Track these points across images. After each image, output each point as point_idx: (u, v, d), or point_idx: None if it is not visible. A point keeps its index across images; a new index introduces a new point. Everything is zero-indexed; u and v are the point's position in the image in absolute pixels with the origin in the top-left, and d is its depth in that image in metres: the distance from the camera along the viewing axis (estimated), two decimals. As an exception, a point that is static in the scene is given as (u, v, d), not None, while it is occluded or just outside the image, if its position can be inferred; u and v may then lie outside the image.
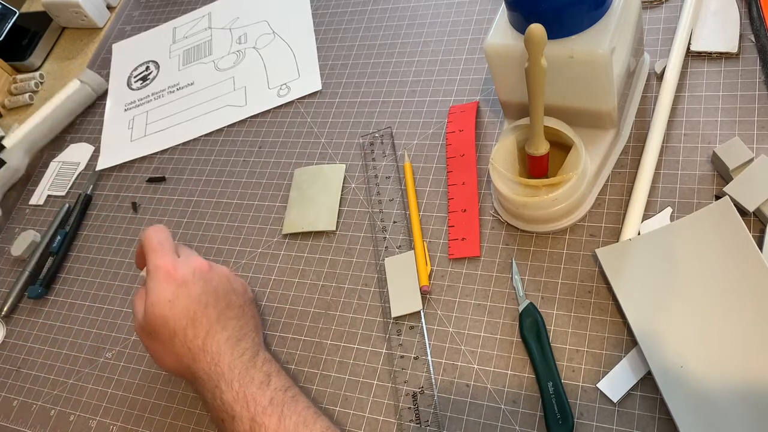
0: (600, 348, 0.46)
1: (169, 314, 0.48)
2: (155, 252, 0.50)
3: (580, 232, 0.51)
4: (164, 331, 0.48)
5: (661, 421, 0.42)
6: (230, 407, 0.44)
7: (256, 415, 0.44)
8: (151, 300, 0.48)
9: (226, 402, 0.45)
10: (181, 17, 0.88)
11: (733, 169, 0.47)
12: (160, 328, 0.48)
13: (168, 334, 0.48)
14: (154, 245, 0.51)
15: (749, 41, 0.54)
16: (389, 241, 0.57)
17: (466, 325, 0.50)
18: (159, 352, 0.50)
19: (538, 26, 0.38)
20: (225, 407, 0.45)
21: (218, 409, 0.45)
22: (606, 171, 0.52)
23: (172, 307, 0.48)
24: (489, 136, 0.59)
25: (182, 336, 0.48)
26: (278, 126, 0.70)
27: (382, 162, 0.62)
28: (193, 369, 0.47)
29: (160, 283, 0.49)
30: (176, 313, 0.48)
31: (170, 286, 0.48)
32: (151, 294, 0.48)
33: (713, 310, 0.43)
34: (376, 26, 0.73)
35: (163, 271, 0.49)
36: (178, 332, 0.48)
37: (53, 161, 0.80)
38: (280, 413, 0.44)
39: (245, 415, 0.44)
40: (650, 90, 0.55)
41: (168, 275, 0.49)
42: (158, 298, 0.48)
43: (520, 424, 0.45)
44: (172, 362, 0.49)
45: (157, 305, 0.48)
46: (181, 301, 0.48)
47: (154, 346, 0.50)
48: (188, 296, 0.48)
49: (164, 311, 0.48)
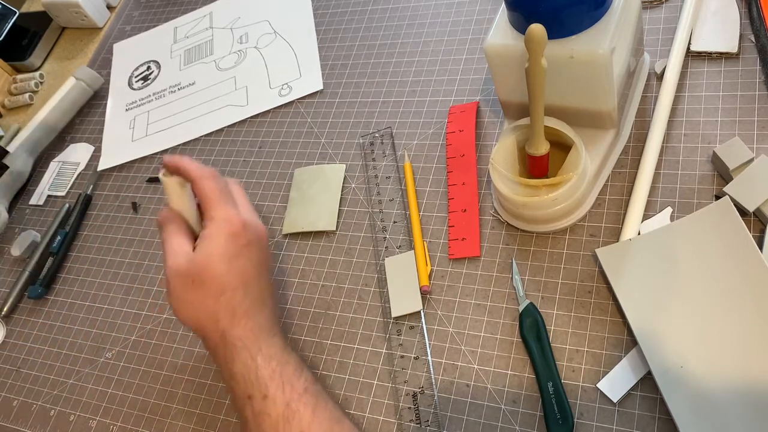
0: (600, 348, 0.46)
1: (225, 270, 0.45)
2: (222, 201, 0.47)
3: (580, 232, 0.51)
4: (213, 285, 0.45)
5: (661, 421, 0.42)
6: (264, 385, 0.42)
7: (291, 400, 0.42)
8: (209, 250, 0.45)
9: (261, 378, 0.43)
10: (182, 17, 0.88)
11: (733, 169, 0.47)
12: (209, 280, 0.45)
13: (217, 289, 0.45)
14: (219, 193, 0.47)
15: (749, 41, 0.54)
16: (389, 241, 0.57)
17: (466, 325, 0.50)
18: (193, 302, 0.46)
19: (538, 26, 0.38)
20: (259, 383, 0.43)
21: (249, 384, 0.43)
22: (606, 171, 0.52)
23: (231, 264, 0.45)
24: (489, 136, 0.59)
25: (230, 296, 0.45)
26: (278, 126, 0.70)
27: (382, 162, 0.62)
28: (228, 333, 0.45)
29: (224, 237, 0.46)
30: (233, 272, 0.45)
31: (235, 244, 0.46)
32: (213, 244, 0.46)
33: (713, 310, 0.43)
34: (376, 26, 0.73)
35: (230, 225, 0.46)
36: (227, 291, 0.45)
37: (53, 161, 0.80)
38: (314, 404, 0.42)
39: (280, 398, 0.42)
40: (650, 90, 0.55)
41: (235, 232, 0.46)
42: (219, 252, 0.45)
43: (520, 424, 0.45)
44: (205, 317, 0.46)
45: (216, 257, 0.45)
46: (240, 262, 0.46)
47: (189, 295, 0.46)
48: (248, 259, 0.46)
49: (222, 266, 0.45)
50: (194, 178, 0.48)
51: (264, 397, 0.42)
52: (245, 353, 0.44)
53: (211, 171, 0.49)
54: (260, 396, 0.42)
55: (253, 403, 0.43)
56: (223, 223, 0.46)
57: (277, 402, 0.42)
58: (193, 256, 0.46)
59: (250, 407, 0.43)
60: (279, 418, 0.41)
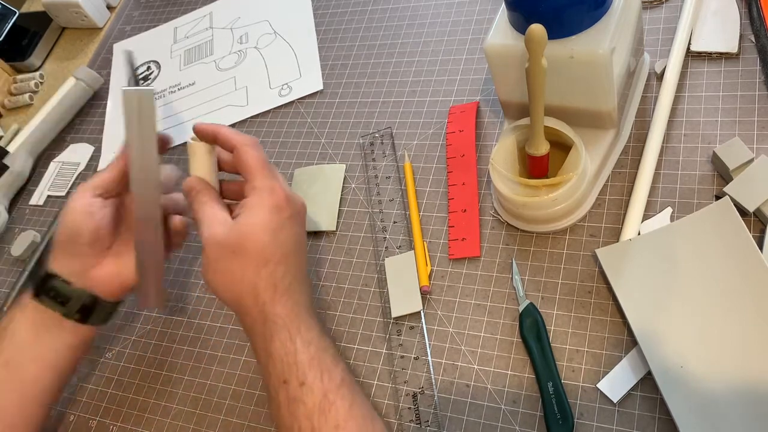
0: (600, 348, 0.46)
1: (269, 241, 0.44)
2: (265, 171, 0.46)
3: (580, 232, 0.51)
4: (256, 255, 0.43)
5: (661, 421, 0.42)
6: (303, 372, 0.41)
7: (329, 391, 0.41)
8: (253, 220, 0.44)
9: (299, 363, 0.41)
10: (182, 17, 0.88)
11: (733, 169, 0.47)
12: (252, 251, 0.43)
13: (259, 260, 0.43)
14: (263, 163, 0.46)
15: (749, 41, 0.54)
16: (389, 241, 0.57)
17: (466, 326, 0.50)
18: (231, 273, 0.44)
19: (538, 26, 0.38)
20: (297, 369, 0.41)
21: (287, 367, 0.41)
22: (606, 171, 0.52)
23: (275, 236, 0.44)
24: (489, 136, 0.59)
25: (273, 269, 0.44)
26: (278, 126, 0.70)
27: (382, 162, 0.62)
28: (268, 310, 0.43)
29: (268, 208, 0.44)
30: (276, 244, 0.44)
31: (279, 216, 0.45)
32: (256, 214, 0.44)
33: (713, 310, 0.43)
34: (376, 26, 0.73)
35: (275, 196, 0.45)
36: (270, 264, 0.44)
37: (53, 161, 0.80)
38: (352, 399, 0.41)
39: (318, 387, 0.41)
40: (650, 90, 0.55)
41: (279, 204, 0.45)
42: (263, 222, 0.44)
43: (520, 424, 0.45)
44: (242, 291, 0.44)
45: (260, 227, 0.44)
46: (283, 235, 0.44)
47: (228, 265, 0.44)
48: (291, 234, 0.45)
49: (266, 237, 0.44)
50: (236, 145, 0.46)
51: (301, 384, 0.41)
52: (285, 333, 0.42)
53: (254, 139, 0.47)
54: (297, 383, 0.41)
55: (288, 388, 0.41)
56: (268, 193, 0.45)
57: (315, 391, 0.40)
58: (233, 224, 0.44)
59: (284, 392, 0.41)
60: (315, 409, 0.40)
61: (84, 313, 0.50)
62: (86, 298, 0.49)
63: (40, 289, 0.48)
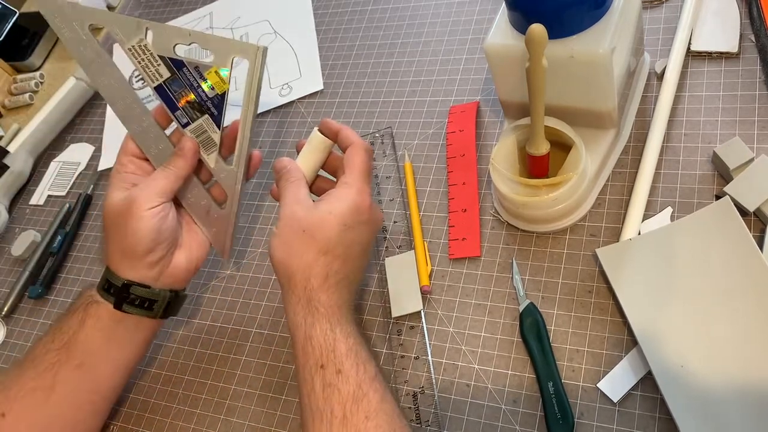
0: (600, 348, 0.46)
1: (337, 234, 0.45)
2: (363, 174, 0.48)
3: (581, 232, 0.51)
4: (321, 242, 0.45)
5: (661, 420, 0.42)
6: (341, 360, 0.42)
7: (363, 382, 0.42)
8: (331, 209, 0.46)
9: (338, 352, 0.43)
10: (182, 17, 0.88)
11: (733, 168, 0.47)
12: (319, 237, 0.45)
13: (321, 247, 0.45)
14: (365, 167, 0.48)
15: (749, 41, 0.54)
16: (389, 241, 0.57)
17: (466, 325, 0.50)
18: (294, 247, 0.46)
19: (538, 26, 0.38)
20: (335, 357, 0.42)
21: (325, 354, 0.43)
22: (606, 171, 0.52)
23: (345, 232, 0.45)
24: (489, 136, 0.59)
25: (330, 260, 0.45)
26: (278, 126, 0.70)
27: (382, 162, 0.62)
28: (313, 294, 0.45)
29: (349, 205, 0.46)
30: (343, 240, 0.45)
31: (355, 217, 0.46)
32: (336, 206, 0.46)
33: (713, 310, 0.43)
34: (376, 26, 0.73)
35: (361, 198, 0.46)
36: (329, 254, 0.45)
37: (53, 161, 0.80)
38: (383, 392, 0.42)
39: (353, 377, 0.42)
40: (650, 90, 0.55)
41: (360, 206, 0.46)
42: (341, 215, 0.45)
43: (520, 423, 0.45)
44: (297, 266, 0.45)
45: (335, 218, 0.45)
46: (352, 235, 0.46)
47: (294, 240, 0.46)
48: (359, 238, 0.47)
49: (336, 229, 0.45)
50: (353, 143, 0.49)
51: (338, 371, 0.42)
52: (326, 322, 0.44)
53: (370, 146, 0.50)
54: (334, 369, 0.42)
55: (325, 373, 0.42)
56: (355, 191, 0.47)
57: (350, 380, 0.42)
58: (313, 206, 0.46)
59: (320, 377, 0.42)
60: (349, 396, 0.41)
61: (166, 309, 0.51)
62: (170, 296, 0.51)
63: (122, 300, 0.49)
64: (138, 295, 0.49)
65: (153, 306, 0.50)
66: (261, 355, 0.55)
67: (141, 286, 0.49)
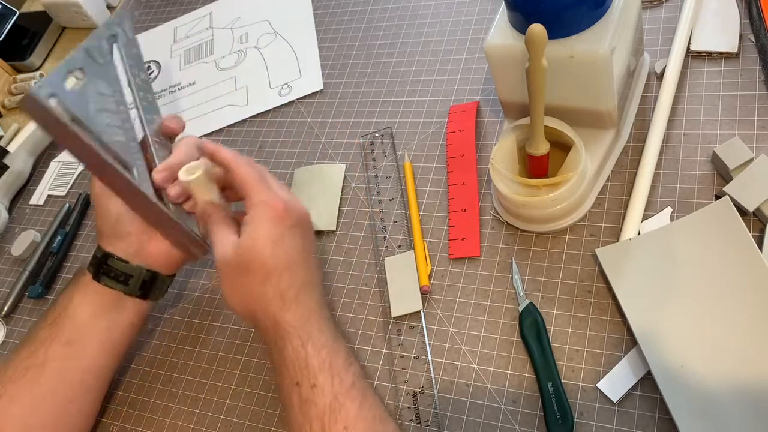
0: (600, 348, 0.46)
1: (270, 255, 0.45)
2: (261, 185, 0.47)
3: (580, 231, 0.51)
4: (259, 271, 0.45)
5: (661, 420, 0.42)
6: (314, 375, 0.43)
7: (339, 393, 0.42)
8: (253, 235, 0.45)
9: (310, 367, 0.43)
10: (182, 17, 0.88)
11: (733, 168, 0.47)
12: (255, 266, 0.45)
13: (262, 275, 0.45)
14: (257, 178, 0.47)
15: (749, 41, 0.54)
16: (389, 241, 0.57)
17: (466, 325, 0.50)
18: (243, 289, 0.46)
19: (538, 26, 0.38)
20: (308, 372, 0.43)
21: (299, 371, 0.43)
22: (606, 171, 0.52)
23: (275, 248, 0.45)
24: (489, 136, 0.59)
25: (276, 281, 0.45)
26: (278, 126, 0.70)
27: (382, 162, 0.62)
28: (278, 318, 0.45)
29: (267, 221, 0.45)
30: (278, 256, 0.45)
31: (278, 227, 0.45)
32: (256, 229, 0.45)
33: (713, 310, 0.43)
34: (376, 26, 0.73)
35: (272, 209, 0.46)
36: (273, 276, 0.45)
37: (53, 161, 0.80)
38: (361, 400, 0.42)
39: (328, 389, 0.42)
40: (650, 90, 0.56)
41: (278, 215, 0.46)
42: (263, 237, 0.45)
43: (520, 423, 0.45)
44: (255, 303, 0.46)
45: (260, 243, 0.45)
46: (285, 245, 0.45)
47: (238, 282, 0.46)
48: (293, 242, 0.46)
49: (266, 251, 0.45)
50: (231, 165, 0.48)
51: (312, 386, 0.42)
52: (296, 340, 0.44)
53: (247, 158, 0.49)
54: (309, 385, 0.42)
55: (300, 390, 0.43)
56: (265, 207, 0.46)
57: (325, 392, 0.42)
58: (238, 243, 0.46)
59: (297, 394, 0.43)
60: (326, 409, 0.42)
61: (144, 289, 0.52)
62: (145, 274, 0.51)
63: (100, 271, 0.50)
64: (114, 267, 0.50)
65: (129, 281, 0.50)
66: (261, 355, 0.55)
67: (119, 260, 0.50)
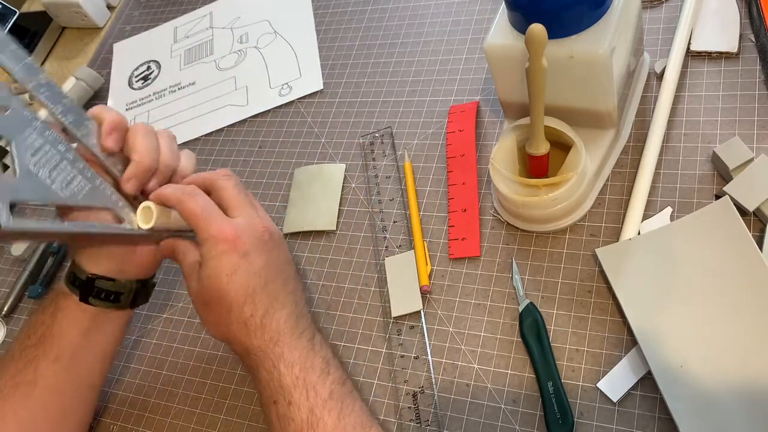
0: (600, 348, 0.46)
1: (226, 289, 0.44)
2: (207, 219, 0.45)
3: (580, 231, 0.51)
4: (219, 304, 0.45)
5: (661, 420, 0.42)
6: (288, 392, 0.43)
7: (315, 406, 0.42)
8: (207, 272, 0.44)
9: (284, 386, 0.43)
10: (182, 17, 0.88)
11: (733, 168, 0.47)
12: (214, 301, 0.45)
13: (224, 308, 0.45)
14: (201, 212, 0.45)
15: (749, 41, 0.54)
16: (389, 240, 0.57)
17: (466, 325, 0.50)
18: (212, 321, 0.46)
19: (538, 26, 0.38)
20: (283, 391, 0.43)
21: (274, 390, 0.44)
22: (606, 171, 0.52)
23: (230, 281, 0.44)
24: (489, 136, 0.59)
25: (238, 312, 0.44)
26: (278, 126, 0.70)
27: (382, 162, 0.62)
28: (247, 345, 0.45)
29: (217, 257, 0.44)
30: (234, 288, 0.44)
31: (230, 258, 0.44)
32: (208, 267, 0.44)
33: (713, 310, 0.43)
34: (376, 26, 0.73)
35: (222, 242, 0.44)
36: (234, 308, 0.44)
37: (54, 161, 0.80)
38: (339, 409, 0.43)
39: (303, 404, 0.42)
40: (650, 90, 0.56)
41: (228, 248, 0.44)
42: (215, 271, 0.44)
43: (520, 423, 0.45)
44: (225, 333, 0.46)
45: (214, 278, 0.44)
46: (240, 276, 0.44)
47: (207, 315, 0.46)
48: (248, 270, 0.45)
49: (221, 285, 0.44)
50: (175, 205, 0.46)
51: (289, 403, 0.43)
52: (267, 362, 0.44)
53: (190, 189, 0.47)
54: (285, 402, 0.43)
55: (278, 408, 0.43)
56: (214, 242, 0.44)
57: (301, 408, 0.42)
58: (199, 277, 0.46)
59: (275, 411, 0.44)
60: (303, 424, 0.42)
61: (134, 299, 0.51)
62: (135, 287, 0.51)
63: (88, 293, 0.49)
64: (103, 288, 0.49)
65: (120, 297, 0.50)
66: (261, 354, 0.55)
67: (106, 279, 0.49)
